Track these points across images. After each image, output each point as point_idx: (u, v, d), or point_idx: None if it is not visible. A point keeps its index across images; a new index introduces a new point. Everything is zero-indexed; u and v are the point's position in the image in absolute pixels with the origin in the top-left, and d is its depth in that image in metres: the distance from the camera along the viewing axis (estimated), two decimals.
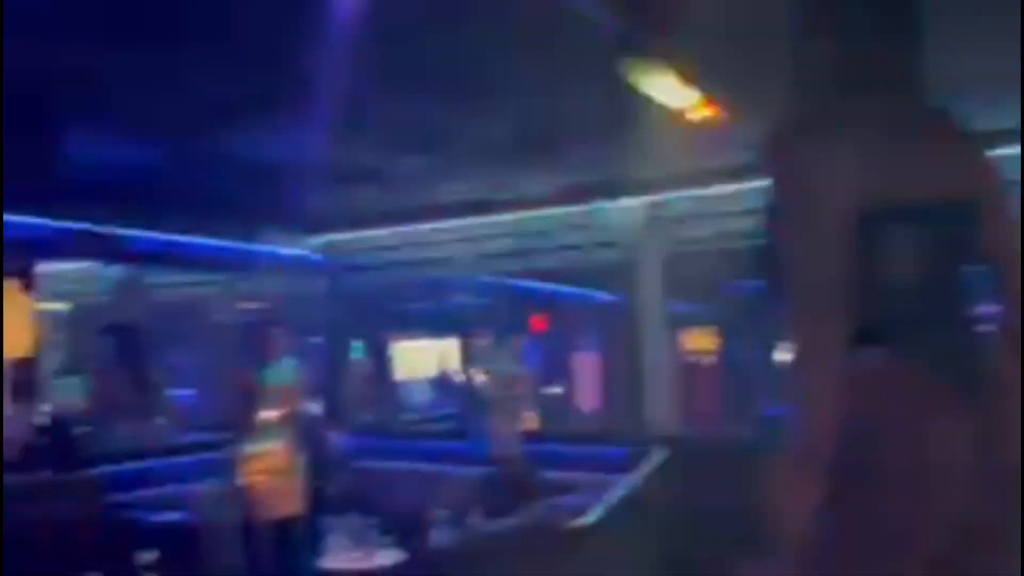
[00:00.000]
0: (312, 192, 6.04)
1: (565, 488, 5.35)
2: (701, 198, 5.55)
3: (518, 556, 4.18)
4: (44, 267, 5.31)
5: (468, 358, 7.26)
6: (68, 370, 6.70)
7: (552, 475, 5.68)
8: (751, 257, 1.66)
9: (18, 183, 4.91)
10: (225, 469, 5.19)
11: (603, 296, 9.93)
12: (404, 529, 5.76)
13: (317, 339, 7.40)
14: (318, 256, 7.03)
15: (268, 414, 5.26)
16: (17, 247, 5.21)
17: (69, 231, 5.20)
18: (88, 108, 4.33)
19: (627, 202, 5.73)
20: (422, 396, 9.51)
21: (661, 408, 5.97)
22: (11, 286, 5.44)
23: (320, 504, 5.95)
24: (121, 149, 5.04)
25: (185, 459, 5.78)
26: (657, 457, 5.35)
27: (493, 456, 5.88)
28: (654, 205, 5.71)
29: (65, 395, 6.05)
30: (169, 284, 7.49)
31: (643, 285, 5.89)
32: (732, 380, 9.07)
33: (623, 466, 5.70)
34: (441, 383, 11.89)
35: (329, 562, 5.41)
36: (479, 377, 7.53)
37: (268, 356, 5.32)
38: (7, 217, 5.02)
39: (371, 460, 6.69)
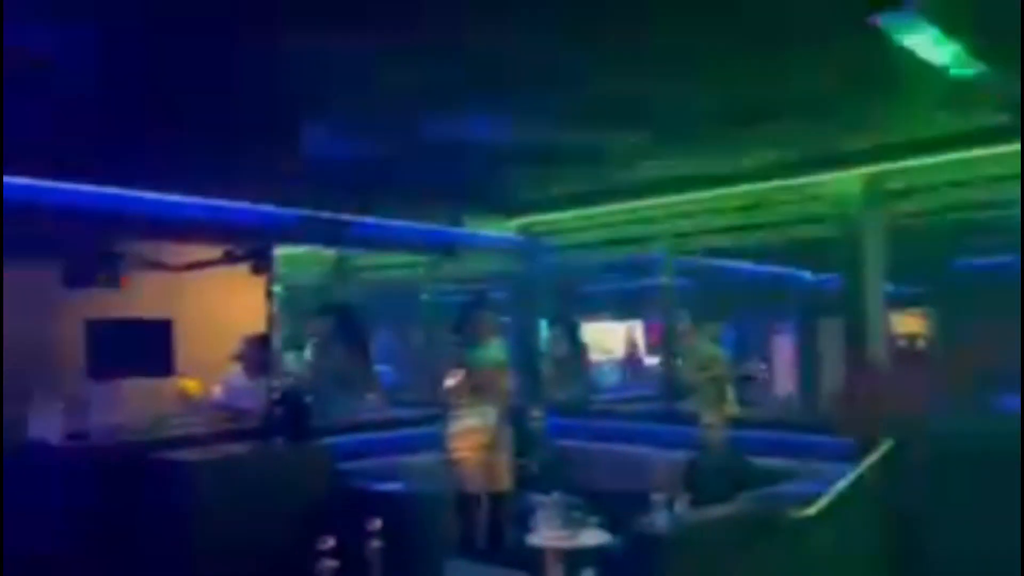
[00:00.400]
0: (512, 174, 6.12)
1: (783, 476, 5.10)
2: (930, 167, 5.08)
3: (736, 545, 4.03)
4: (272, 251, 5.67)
5: (667, 340, 7.10)
6: (288, 347, 7.16)
7: (764, 462, 5.45)
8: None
9: (248, 172, 5.31)
10: (437, 444, 5.41)
11: (810, 275, 9.45)
12: (609, 510, 5.75)
13: (516, 318, 7.51)
14: (519, 238, 7.12)
15: (477, 392, 5.42)
16: (249, 232, 5.64)
17: (295, 217, 5.54)
18: (310, 99, 4.56)
19: (846, 173, 5.35)
20: (616, 377, 9.46)
21: (877, 395, 5.56)
22: (244, 268, 5.91)
23: (524, 481, 6.07)
24: (340, 138, 5.30)
25: (398, 433, 6.04)
26: (881, 447, 4.99)
27: (698, 440, 5.72)
28: (875, 176, 5.30)
29: (289, 370, 6.48)
30: (379, 266, 7.84)
31: (861, 263, 5.49)
32: (953, 366, 8.34)
33: (841, 454, 5.38)
34: (635, 365, 11.80)
35: (537, 538, 5.50)
36: (678, 359, 7.36)
37: (477, 336, 5.49)
38: (243, 204, 5.46)
39: (570, 440, 6.72)
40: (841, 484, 4.52)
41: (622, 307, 11.35)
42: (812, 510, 4.25)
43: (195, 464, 4.38)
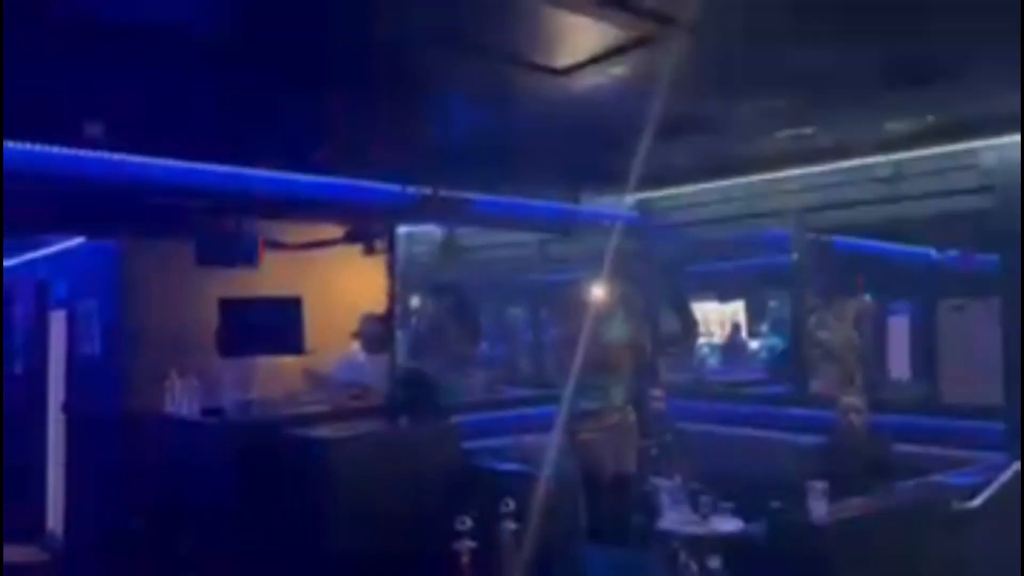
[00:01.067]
0: (632, 148, 5.91)
1: (928, 464, 4.79)
2: None
3: (897, 536, 3.79)
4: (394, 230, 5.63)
5: (794, 319, 6.80)
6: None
7: (911, 450, 5.15)
8: None
9: (372, 152, 5.28)
10: (563, 424, 5.29)
11: (935, 253, 8.90)
12: (736, 496, 5.54)
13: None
14: (636, 214, 6.93)
15: (604, 371, 5.28)
16: (371, 211, 5.63)
17: (416, 195, 5.49)
18: (434, 75, 4.46)
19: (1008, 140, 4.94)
20: (716, 360, 9.17)
21: None
22: (364, 247, 5.91)
23: (645, 465, 5.91)
24: (458, 114, 5.19)
25: (519, 412, 5.97)
26: None
27: (836, 424, 5.44)
28: None
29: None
30: (490, 245, 7.77)
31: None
32: None
33: (986, 442, 5.04)
34: (737, 347, 11.45)
35: (666, 523, 5.34)
36: (806, 339, 7.06)
37: (602, 312, 5.33)
38: (366, 183, 5.44)
39: (690, 422, 6.52)
40: (1004, 475, 4.20)
41: (729, 287, 10.99)
42: (976, 502, 3.96)
43: (329, 441, 4.39)
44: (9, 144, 4.13)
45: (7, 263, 7.78)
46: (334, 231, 6.28)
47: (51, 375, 7.38)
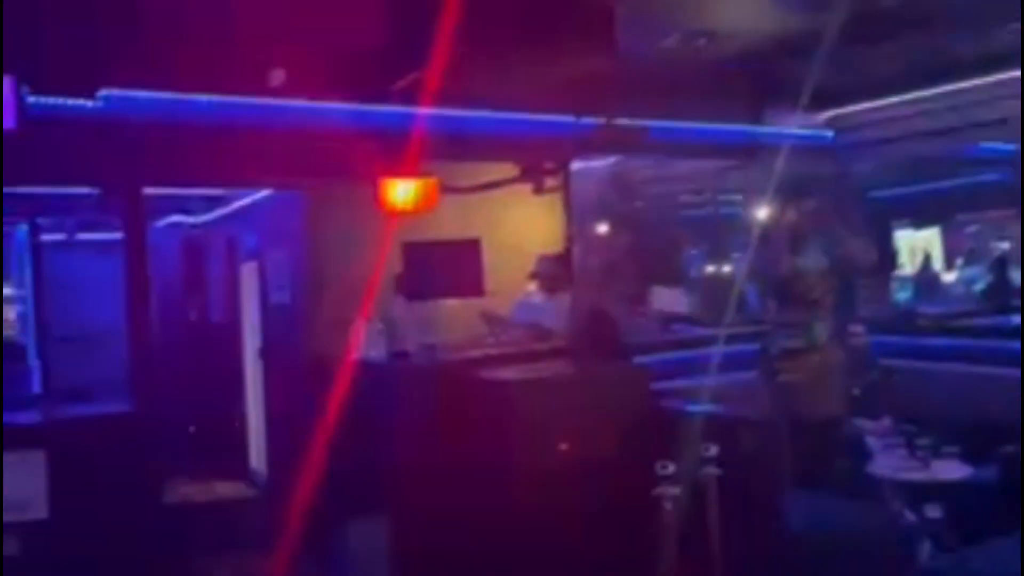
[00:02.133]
0: (818, 60, 5.33)
1: None
2: None
3: None
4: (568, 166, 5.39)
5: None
6: None
7: None
8: None
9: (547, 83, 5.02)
10: (761, 364, 4.96)
11: None
12: (959, 439, 5.02)
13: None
14: (825, 133, 6.33)
15: (801, 307, 4.86)
16: (545, 146, 5.41)
17: (593, 125, 5.21)
18: None
19: None
20: (908, 293, 8.38)
21: None
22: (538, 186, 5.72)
23: (848, 405, 5.47)
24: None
25: (702, 352, 5.66)
26: None
27: None
28: None
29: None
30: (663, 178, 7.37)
31: None
32: None
33: None
34: (930, 278, 10.47)
35: (882, 469, 4.93)
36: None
37: (797, 241, 4.90)
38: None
39: (894, 359, 5.97)
40: None
41: (926, 211, 10.04)
42: None
43: (517, 383, 4.28)
44: (196, 96, 4.22)
45: (203, 219, 8.25)
46: (506, 171, 6.15)
47: (246, 325, 7.79)
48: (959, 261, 11.13)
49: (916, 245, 11.13)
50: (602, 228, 6.78)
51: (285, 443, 6.71)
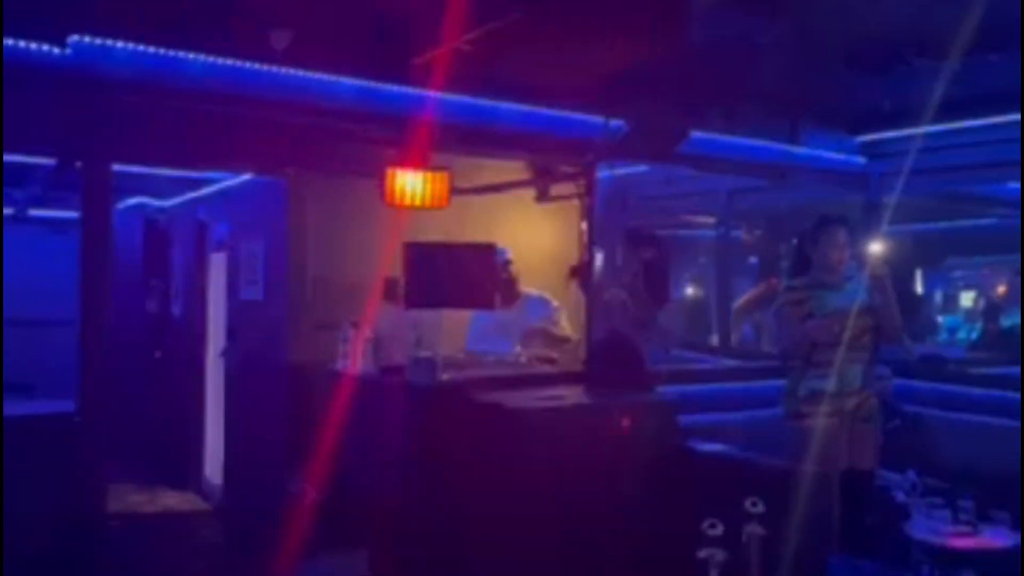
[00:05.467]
0: (860, 79, 4.91)
1: None
2: None
3: None
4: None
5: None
6: None
7: None
8: None
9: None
10: (789, 405, 4.47)
11: None
12: (992, 498, 4.59)
13: None
14: (862, 159, 5.91)
15: (836, 346, 4.37)
16: (569, 147, 4.88)
17: (619, 129, 4.70)
18: None
19: None
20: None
21: None
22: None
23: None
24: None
25: (716, 386, 5.20)
26: None
27: None
28: None
29: None
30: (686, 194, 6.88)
31: None
32: None
33: None
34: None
35: (920, 532, 4.46)
36: None
37: (829, 271, 4.40)
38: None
39: (923, 407, 5.55)
40: None
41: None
42: None
43: (530, 411, 3.72)
44: (185, 54, 3.60)
45: (169, 202, 7.57)
46: (514, 171, 5.63)
47: (210, 320, 7.13)
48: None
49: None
50: (621, 241, 6.26)
51: (246, 455, 6.08)
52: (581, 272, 4.70)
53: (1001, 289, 10.07)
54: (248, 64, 3.77)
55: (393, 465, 4.23)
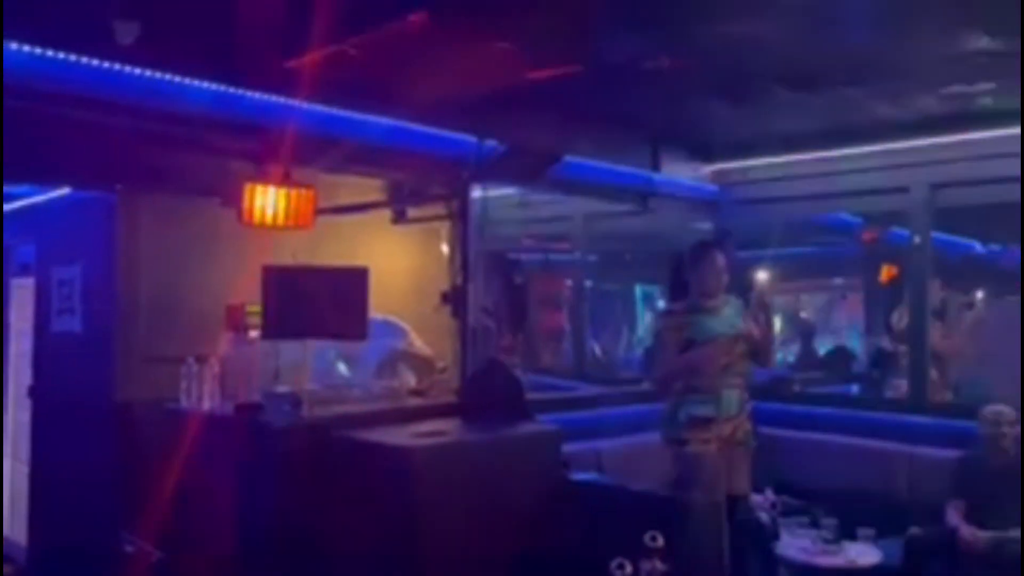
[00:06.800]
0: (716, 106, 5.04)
1: None
2: None
3: None
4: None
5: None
6: None
7: None
8: None
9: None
10: (669, 432, 4.43)
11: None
12: (845, 515, 4.79)
13: None
14: (715, 186, 6.09)
15: (713, 371, 4.39)
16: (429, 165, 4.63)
17: (493, 151, 4.52)
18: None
19: None
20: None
21: None
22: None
23: None
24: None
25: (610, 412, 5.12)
26: None
27: (979, 436, 4.68)
28: None
29: None
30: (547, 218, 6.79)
31: None
32: None
33: None
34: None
35: (790, 552, 4.55)
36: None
37: (705, 297, 4.42)
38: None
39: (776, 428, 5.73)
40: None
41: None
42: None
43: (410, 450, 3.41)
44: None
45: None
46: (376, 192, 5.31)
47: (11, 355, 6.23)
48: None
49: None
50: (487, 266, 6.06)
51: (63, 508, 5.29)
52: (454, 298, 4.44)
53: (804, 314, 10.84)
54: (79, 58, 3.23)
55: (248, 516, 3.76)
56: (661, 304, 6.07)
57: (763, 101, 4.82)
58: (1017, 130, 4.73)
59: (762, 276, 4.43)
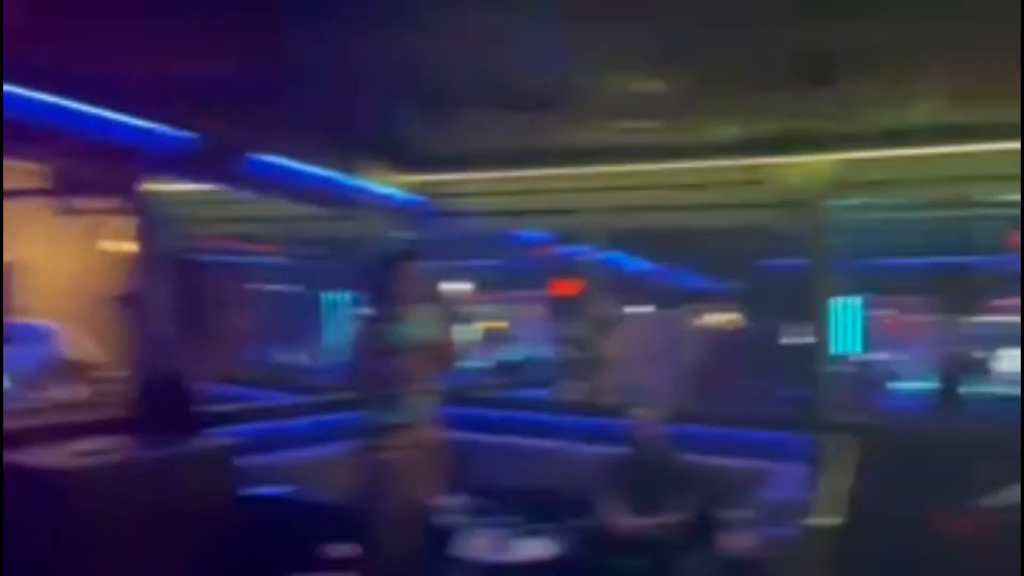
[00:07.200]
0: (413, 119, 5.13)
1: (732, 478, 4.73)
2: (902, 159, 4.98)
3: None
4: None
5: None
6: None
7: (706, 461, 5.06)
8: None
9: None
10: (363, 437, 4.34)
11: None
12: (521, 511, 5.06)
13: None
14: (412, 196, 6.16)
15: (407, 378, 4.39)
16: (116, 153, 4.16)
17: (178, 138, 4.17)
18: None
19: (811, 158, 5.11)
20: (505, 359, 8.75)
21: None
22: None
23: None
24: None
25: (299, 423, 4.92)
26: (847, 448, 4.79)
27: (634, 436, 5.17)
28: (844, 163, 5.10)
29: None
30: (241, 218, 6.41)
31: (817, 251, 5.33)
32: None
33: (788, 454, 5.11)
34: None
35: (466, 550, 4.64)
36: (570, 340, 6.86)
37: (399, 304, 4.41)
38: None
39: (462, 431, 5.90)
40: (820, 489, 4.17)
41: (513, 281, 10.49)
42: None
43: (64, 473, 3.01)
44: None
45: None
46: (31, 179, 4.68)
47: None
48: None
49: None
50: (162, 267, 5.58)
51: None
52: (129, 301, 4.01)
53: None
54: None
55: None
56: (352, 311, 5.98)
57: (460, 118, 4.97)
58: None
59: (447, 286, 4.55)
